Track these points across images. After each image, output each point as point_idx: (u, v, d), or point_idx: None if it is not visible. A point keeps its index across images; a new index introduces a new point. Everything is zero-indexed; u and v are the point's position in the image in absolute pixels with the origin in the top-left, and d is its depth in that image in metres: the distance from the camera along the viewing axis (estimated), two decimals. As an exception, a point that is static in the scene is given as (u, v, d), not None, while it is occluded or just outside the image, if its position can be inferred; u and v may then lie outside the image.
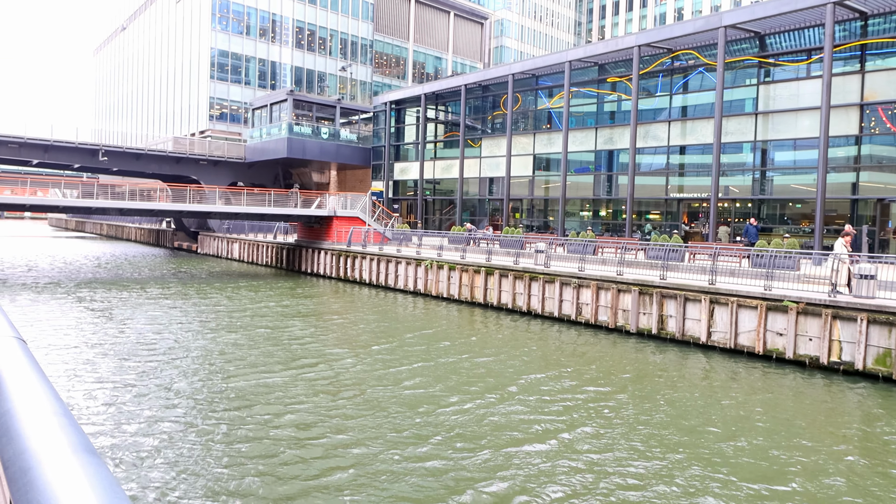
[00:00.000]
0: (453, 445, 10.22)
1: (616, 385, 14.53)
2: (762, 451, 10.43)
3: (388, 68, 73.93)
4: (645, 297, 20.05)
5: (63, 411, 1.23)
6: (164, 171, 48.84)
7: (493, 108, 41.89)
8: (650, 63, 32.17)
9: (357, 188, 53.26)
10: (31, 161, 43.98)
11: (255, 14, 61.63)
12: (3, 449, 1.01)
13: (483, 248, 31.44)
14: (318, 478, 9.04)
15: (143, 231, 70.24)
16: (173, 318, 21.77)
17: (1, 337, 2.07)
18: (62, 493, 0.85)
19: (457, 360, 16.56)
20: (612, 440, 10.75)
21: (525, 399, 13.06)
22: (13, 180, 38.19)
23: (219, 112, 60.56)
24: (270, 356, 16.28)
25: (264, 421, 11.26)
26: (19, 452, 0.97)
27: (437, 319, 23.21)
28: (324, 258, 36.78)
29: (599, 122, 35.11)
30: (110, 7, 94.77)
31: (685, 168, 31.49)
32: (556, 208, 36.92)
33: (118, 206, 35.19)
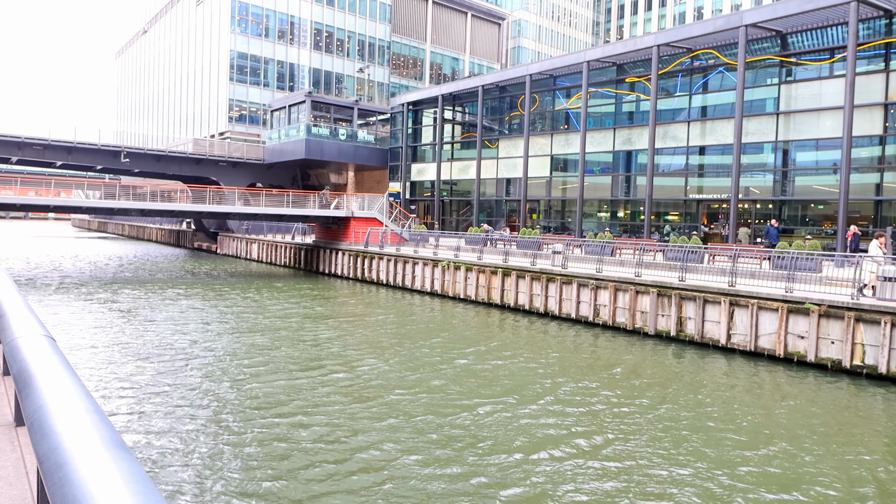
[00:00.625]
0: (476, 450, 10.09)
1: (637, 389, 14.38)
2: (789, 457, 10.20)
3: (406, 69, 74.14)
4: (663, 298, 19.89)
5: (94, 408, 1.28)
6: (184, 172, 49.45)
7: (511, 109, 41.81)
8: (669, 63, 31.90)
9: (374, 189, 53.47)
10: (56, 163, 44.79)
11: (274, 16, 62.17)
12: (37, 444, 1.05)
13: (500, 249, 31.39)
14: (341, 482, 8.97)
15: (163, 231, 71.18)
16: (195, 319, 22.03)
17: (31, 335, 2.14)
18: (96, 487, 0.88)
19: (476, 363, 16.48)
20: (637, 446, 10.52)
21: (546, 403, 12.92)
22: (38, 181, 38.97)
23: (238, 114, 61.18)
24: (293, 359, 16.20)
25: (287, 424, 11.21)
26: (53, 448, 1.01)
27: (454, 321, 23.18)
28: (341, 259, 36.99)
29: (618, 122, 34.89)
30: (132, 10, 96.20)
31: (705, 169, 31.17)
32: (573, 209, 36.75)
33: (139, 206, 35.71)
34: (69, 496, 0.87)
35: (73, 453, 0.99)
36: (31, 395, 1.30)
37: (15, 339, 2.00)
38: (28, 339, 1.91)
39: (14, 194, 34.11)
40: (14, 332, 2.12)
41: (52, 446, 1.06)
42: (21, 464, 3.60)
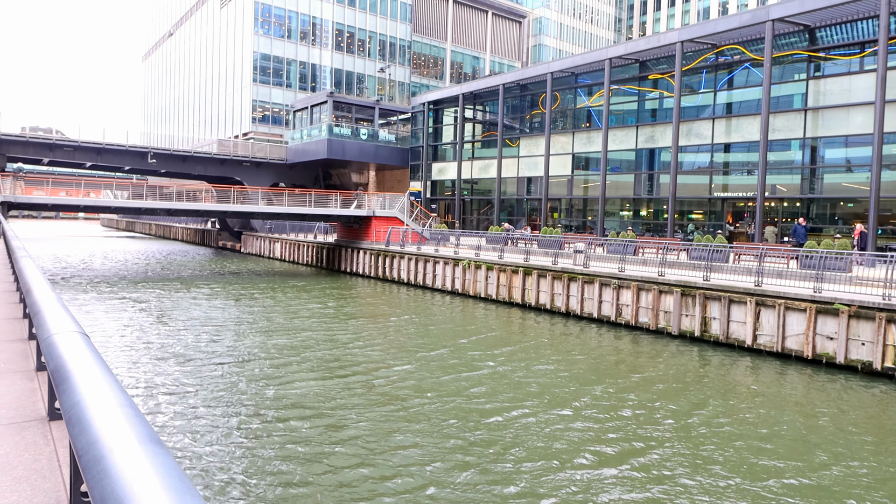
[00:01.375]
0: (508, 456, 9.81)
1: (666, 392, 14.07)
2: (825, 466, 9.81)
3: (426, 69, 74.25)
4: (687, 298, 19.65)
5: (129, 403, 1.32)
6: (209, 172, 50.18)
7: (532, 108, 41.64)
8: (693, 59, 31.49)
9: (395, 188, 53.67)
10: (85, 164, 45.78)
11: (296, 17, 62.72)
12: (75, 438, 1.09)
13: (521, 248, 31.30)
14: (371, 487, 8.81)
15: (189, 231, 72.32)
16: (221, 318, 22.32)
17: (66, 332, 2.21)
18: (134, 482, 0.91)
19: (502, 364, 16.21)
20: (671, 454, 10.13)
21: (573, 407, 12.54)
22: (68, 182, 39.87)
23: (261, 114, 61.87)
24: (319, 360, 15.94)
25: (316, 427, 11.00)
26: (91, 442, 1.04)
27: (477, 321, 23.06)
28: (363, 258, 37.21)
29: (640, 120, 34.54)
30: (158, 14, 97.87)
31: (730, 166, 30.71)
32: (595, 208, 36.48)
33: (166, 206, 36.33)
34: (108, 490, 0.90)
35: (111, 448, 1.02)
36: (67, 390, 1.35)
37: (51, 335, 2.06)
38: (63, 335, 1.97)
39: (46, 195, 34.96)
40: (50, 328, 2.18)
41: (90, 441, 1.09)
42: (54, 457, 3.71)
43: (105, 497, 0.87)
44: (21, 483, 3.32)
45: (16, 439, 3.98)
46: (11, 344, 6.81)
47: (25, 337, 7.16)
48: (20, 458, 3.68)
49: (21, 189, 32.63)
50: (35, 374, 5.60)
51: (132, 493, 0.85)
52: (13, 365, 5.91)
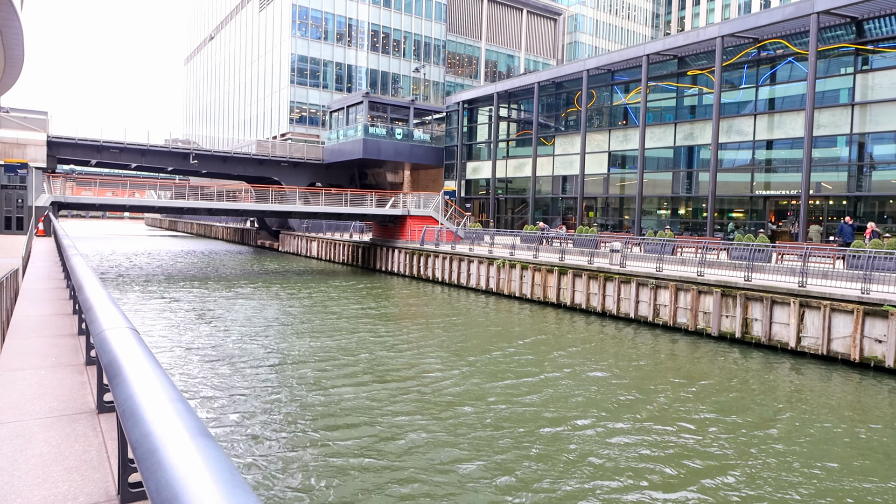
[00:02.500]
0: (565, 472, 9.54)
1: (707, 398, 13.73)
2: (881, 479, 9.36)
3: (461, 68, 74.28)
4: (728, 299, 19.22)
5: (179, 397, 1.38)
6: (248, 172, 51.24)
7: (567, 106, 41.26)
8: (734, 54, 30.72)
9: (430, 188, 53.86)
10: (130, 165, 47.27)
11: (333, 19, 63.49)
12: (129, 430, 1.15)
13: (556, 247, 31.06)
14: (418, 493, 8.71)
15: (229, 230, 73.97)
16: (264, 317, 22.66)
17: (118, 327, 2.32)
18: (188, 474, 0.96)
19: (546, 370, 15.80)
20: (713, 464, 9.80)
21: (618, 414, 12.05)
22: (114, 182, 41.24)
23: (298, 115, 62.85)
24: (367, 366, 15.46)
25: (367, 438, 10.63)
26: (145, 434, 1.10)
27: (515, 322, 22.79)
28: (398, 257, 37.46)
29: (679, 117, 33.87)
30: (200, 18, 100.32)
31: (772, 164, 29.87)
32: (632, 206, 35.94)
33: (207, 206, 37.26)
34: (163, 481, 0.95)
35: (164, 440, 1.08)
36: (121, 384, 1.42)
37: (103, 331, 2.16)
38: (115, 331, 2.06)
39: (93, 195, 36.25)
40: (102, 324, 2.29)
41: (143, 433, 1.15)
42: (103, 449, 3.87)
43: (160, 488, 0.92)
44: (72, 473, 3.48)
45: (67, 431, 4.16)
46: (62, 339, 7.11)
47: (75, 332, 7.46)
48: (71, 448, 3.85)
49: (71, 189, 33.91)
50: (84, 368, 5.84)
51: (186, 485, 0.89)
52: (64, 359, 6.17)
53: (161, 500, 0.88)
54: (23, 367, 5.77)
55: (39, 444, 3.91)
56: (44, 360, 6.08)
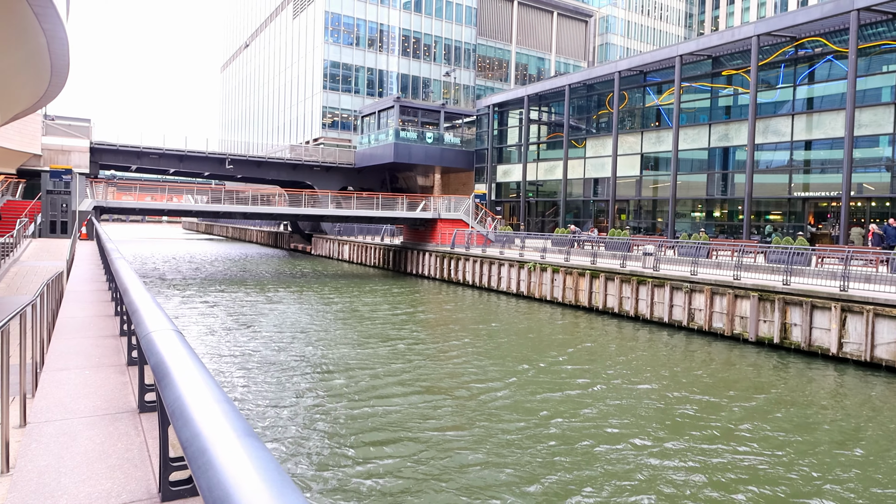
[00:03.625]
0: (611, 483, 9.32)
1: (750, 407, 13.39)
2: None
3: (491, 71, 74.24)
4: (765, 303, 18.77)
5: (225, 398, 1.43)
6: (282, 177, 52.08)
7: (599, 108, 40.87)
8: (771, 53, 30.04)
9: (460, 191, 53.92)
10: (169, 170, 48.51)
11: (364, 25, 64.16)
12: (179, 430, 1.20)
13: (587, 250, 30.77)
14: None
15: (263, 233, 75.23)
16: (300, 322, 22.79)
17: (163, 329, 2.40)
18: (237, 473, 1.00)
19: (590, 381, 15.60)
20: (763, 479, 9.38)
21: (659, 426, 11.63)
22: (153, 188, 42.36)
23: (331, 120, 63.63)
24: (409, 374, 14.98)
25: (408, 451, 10.26)
26: (195, 435, 1.15)
27: (551, 328, 22.44)
28: (428, 260, 37.58)
29: (713, 117, 33.25)
30: (236, 27, 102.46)
31: (811, 164, 29.08)
32: (665, 209, 35.39)
33: (242, 210, 37.99)
34: (214, 480, 0.98)
35: (213, 440, 1.12)
36: (169, 385, 1.47)
37: (149, 333, 2.24)
38: (161, 333, 2.14)
39: (134, 199, 37.30)
40: (148, 326, 2.37)
41: (193, 433, 1.19)
42: (144, 448, 3.99)
43: (212, 486, 0.96)
44: (115, 471, 3.60)
45: (109, 429, 4.31)
46: (105, 339, 7.34)
47: (117, 333, 7.70)
48: (114, 447, 3.98)
49: (112, 194, 34.95)
50: (126, 368, 6.02)
51: (237, 484, 0.93)
52: (107, 359, 6.37)
53: (214, 499, 0.92)
54: (68, 367, 5.98)
55: (84, 441, 4.05)
56: (88, 360, 6.29)
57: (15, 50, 10.83)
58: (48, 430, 4.27)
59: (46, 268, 18.52)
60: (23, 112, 18.27)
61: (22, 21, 9.21)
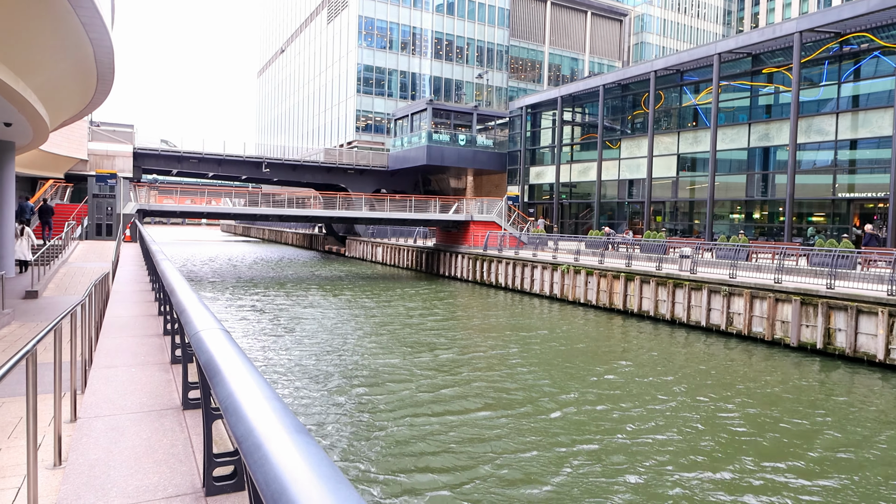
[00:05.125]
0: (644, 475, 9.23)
1: (797, 416, 13.04)
2: None
3: (524, 73, 73.95)
4: (808, 307, 18.23)
5: (274, 395, 1.47)
6: (316, 180, 52.83)
7: (634, 108, 40.33)
8: (814, 50, 29.20)
9: (493, 193, 53.81)
10: (208, 174, 49.67)
11: (398, 29, 64.65)
12: (234, 426, 1.24)
13: (622, 252, 30.37)
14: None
15: (298, 235, 76.38)
16: (336, 325, 23.00)
17: (211, 329, 2.48)
18: (293, 469, 1.03)
19: (617, 379, 15.44)
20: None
21: (695, 432, 11.35)
22: (193, 191, 43.44)
23: (364, 124, 64.28)
24: (464, 390, 14.01)
25: (478, 475, 9.67)
26: (249, 430, 1.19)
27: (581, 328, 22.37)
28: (461, 262, 37.60)
29: (753, 117, 32.47)
30: (272, 32, 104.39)
31: (857, 164, 28.14)
32: (702, 210, 34.69)
33: (278, 212, 38.66)
34: (271, 475, 1.02)
35: (267, 436, 1.16)
36: (220, 382, 1.52)
37: (198, 332, 2.32)
38: (209, 332, 2.21)
39: (174, 202, 38.32)
40: (196, 325, 2.45)
41: (247, 429, 1.23)
42: (189, 444, 4.11)
43: (269, 481, 0.99)
44: (161, 465, 3.71)
45: (155, 425, 4.44)
46: (149, 339, 7.57)
47: (160, 332, 7.93)
48: (160, 442, 4.11)
49: (154, 198, 35.98)
50: (170, 366, 6.20)
51: (293, 479, 0.96)
52: (151, 357, 6.57)
53: (271, 493, 0.95)
54: (115, 365, 6.19)
55: (131, 437, 4.19)
56: (133, 358, 6.50)
57: (63, 59, 11.25)
58: (97, 425, 4.43)
59: (93, 269, 19.16)
60: (70, 119, 18.94)
61: (70, 31, 9.57)
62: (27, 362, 3.46)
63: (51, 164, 31.41)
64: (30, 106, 11.79)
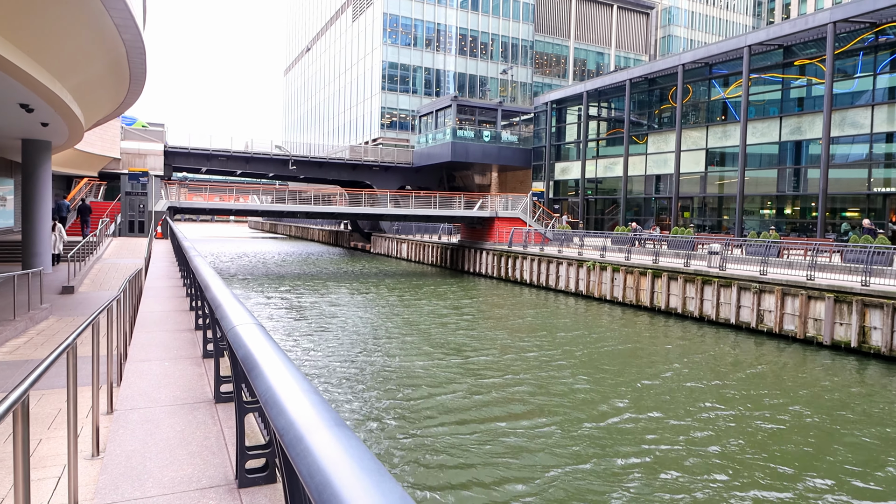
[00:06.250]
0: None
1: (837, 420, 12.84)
2: None
3: (549, 68, 73.40)
4: (842, 305, 17.81)
5: (312, 389, 1.50)
6: (342, 177, 53.21)
7: (661, 102, 39.75)
8: (848, 41, 28.42)
9: (518, 189, 53.59)
10: (236, 171, 50.39)
11: (422, 26, 64.68)
12: (274, 418, 1.27)
13: (649, 249, 30.01)
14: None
15: (324, 232, 77.08)
16: (362, 322, 23.27)
17: (247, 323, 2.53)
18: (335, 460, 1.05)
19: (652, 380, 15.37)
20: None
21: (729, 436, 11.00)
22: (221, 188, 44.11)
23: (389, 121, 64.50)
24: (508, 395, 13.37)
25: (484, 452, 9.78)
26: (290, 423, 1.22)
27: (620, 330, 21.78)
28: (485, 258, 37.55)
29: (785, 110, 31.74)
30: (297, 32, 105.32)
31: (893, 158, 27.34)
32: (732, 206, 34.06)
33: (304, 209, 39.05)
34: (314, 467, 1.04)
35: (307, 429, 1.18)
36: (258, 376, 1.56)
37: (234, 326, 2.37)
38: (245, 327, 2.26)
39: (204, 200, 38.96)
40: (232, 321, 2.50)
41: (288, 422, 1.26)
42: (221, 436, 4.19)
43: (312, 472, 1.02)
44: (195, 457, 3.80)
45: (188, 418, 4.55)
46: (181, 333, 7.74)
47: (192, 327, 8.10)
48: (193, 434, 4.21)
49: (184, 195, 36.62)
50: (202, 360, 6.33)
51: (337, 471, 0.98)
52: (184, 352, 6.72)
53: (315, 485, 0.97)
54: (149, 359, 6.34)
55: (166, 429, 4.30)
56: (166, 352, 6.65)
57: (98, 60, 11.52)
58: (133, 417, 4.54)
59: (126, 265, 19.61)
60: (104, 118, 19.38)
61: (104, 32, 9.79)
62: (68, 356, 3.57)
63: (85, 163, 32.18)
64: (66, 106, 12.10)
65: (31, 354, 8.53)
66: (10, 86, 10.15)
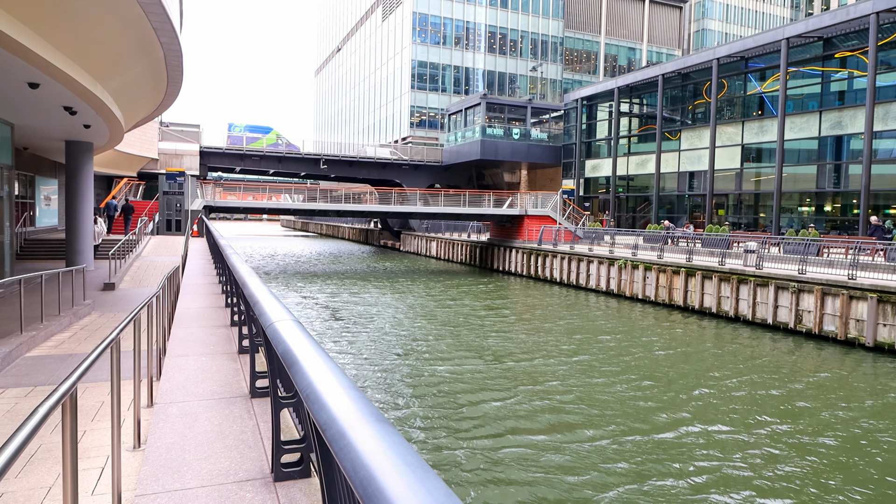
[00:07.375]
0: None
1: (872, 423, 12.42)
2: None
3: (579, 64, 72.67)
4: (886, 305, 17.24)
5: (351, 384, 1.52)
6: (372, 175, 53.60)
7: (695, 98, 39.00)
8: (891, 32, 27.46)
9: (548, 187, 53.21)
10: (269, 171, 51.19)
11: (451, 24, 64.68)
12: (316, 414, 1.30)
13: (682, 247, 29.50)
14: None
15: (354, 230, 77.79)
16: (394, 322, 23.36)
17: (284, 320, 2.58)
18: (379, 456, 1.05)
19: (693, 379, 15.25)
20: None
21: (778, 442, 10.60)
22: (255, 188, 44.86)
23: (418, 119, 64.70)
24: (553, 405, 12.61)
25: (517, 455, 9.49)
26: (332, 419, 1.24)
27: (687, 337, 20.74)
28: (515, 256, 37.40)
29: (824, 104, 30.84)
30: (328, 32, 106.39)
31: (941, 153, 26.36)
32: (768, 203, 33.26)
33: (335, 208, 39.48)
34: (358, 462, 1.05)
35: (349, 424, 1.20)
36: (298, 372, 1.59)
37: (273, 323, 2.42)
38: (284, 323, 2.30)
39: (238, 199, 39.69)
40: (270, 317, 2.56)
41: (330, 417, 1.29)
42: (257, 431, 4.27)
43: (356, 468, 1.03)
44: (232, 451, 3.88)
45: (225, 412, 4.64)
46: (217, 329, 7.90)
47: (227, 324, 8.26)
48: (230, 428, 4.29)
49: (219, 195, 37.36)
50: (237, 356, 6.46)
51: (381, 467, 0.99)
52: (220, 347, 6.86)
53: (360, 479, 0.99)
54: (187, 354, 6.49)
55: (204, 423, 4.39)
56: (203, 348, 6.80)
57: (137, 63, 11.82)
58: (172, 410, 4.66)
59: (164, 263, 20.10)
60: (143, 120, 19.90)
61: (142, 36, 10.04)
62: (111, 350, 3.68)
63: (124, 164, 33.08)
64: (106, 108, 12.45)
65: (76, 349, 8.81)
66: (55, 89, 10.50)
